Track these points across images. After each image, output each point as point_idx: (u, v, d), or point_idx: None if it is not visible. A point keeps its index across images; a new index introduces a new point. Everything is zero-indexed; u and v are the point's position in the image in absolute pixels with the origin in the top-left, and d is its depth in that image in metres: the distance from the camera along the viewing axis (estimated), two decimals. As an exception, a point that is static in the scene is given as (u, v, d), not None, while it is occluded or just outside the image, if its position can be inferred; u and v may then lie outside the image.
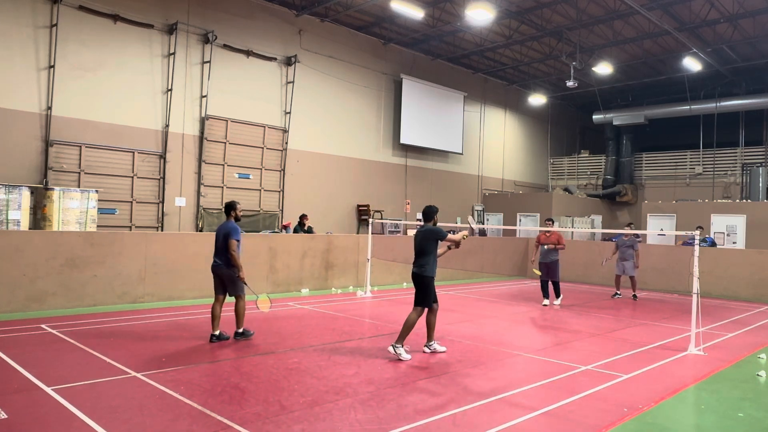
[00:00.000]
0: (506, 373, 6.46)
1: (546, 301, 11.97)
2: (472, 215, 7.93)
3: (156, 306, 10.02)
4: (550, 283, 12.02)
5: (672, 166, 25.22)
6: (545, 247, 11.77)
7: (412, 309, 7.05)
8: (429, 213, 7.32)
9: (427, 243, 7.08)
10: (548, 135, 28.14)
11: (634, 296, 13.48)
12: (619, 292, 13.64)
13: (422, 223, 7.42)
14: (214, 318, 7.44)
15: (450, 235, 7.26)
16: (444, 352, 7.24)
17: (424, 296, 7.02)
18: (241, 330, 7.52)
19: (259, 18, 16.36)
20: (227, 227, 7.44)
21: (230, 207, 7.59)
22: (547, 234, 11.82)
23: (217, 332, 7.43)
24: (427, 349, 7.23)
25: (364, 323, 9.20)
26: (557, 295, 12.06)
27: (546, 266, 11.84)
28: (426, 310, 7.10)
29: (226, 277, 7.44)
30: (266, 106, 16.56)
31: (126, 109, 13.84)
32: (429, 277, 7.02)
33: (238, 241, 7.37)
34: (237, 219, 7.55)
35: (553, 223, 12.41)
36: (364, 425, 4.60)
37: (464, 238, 7.37)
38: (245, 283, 7.45)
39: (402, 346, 6.84)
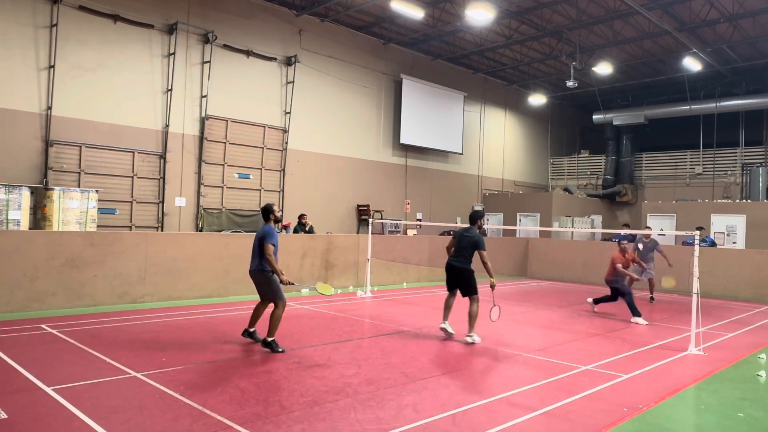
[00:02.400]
0: (506, 373, 6.46)
1: (642, 320, 10.14)
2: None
3: (156, 306, 10.01)
4: (612, 290, 10.81)
5: (672, 166, 25.22)
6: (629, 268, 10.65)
7: (469, 302, 7.91)
8: (474, 217, 8.28)
9: (469, 246, 7.95)
10: (548, 135, 28.15)
11: (651, 298, 12.99)
12: (652, 297, 13.06)
13: (467, 225, 8.31)
14: (254, 316, 7.35)
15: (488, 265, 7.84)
16: (479, 342, 7.83)
17: (470, 286, 7.93)
18: (270, 339, 6.86)
19: (259, 18, 16.37)
20: (263, 230, 7.07)
21: (268, 210, 7.20)
22: (626, 256, 10.66)
23: (252, 329, 7.30)
24: (468, 339, 7.78)
25: (364, 323, 9.20)
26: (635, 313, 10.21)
27: (621, 282, 10.65)
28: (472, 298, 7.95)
29: (261, 282, 7.09)
30: (266, 106, 16.57)
31: (126, 109, 13.84)
32: (470, 271, 7.96)
33: (274, 245, 6.93)
34: (277, 221, 7.22)
35: (627, 243, 11.07)
36: (364, 425, 4.60)
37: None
38: (291, 283, 7.08)
39: (474, 334, 7.82)
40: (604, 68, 20.09)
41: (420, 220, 20.91)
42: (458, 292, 8.19)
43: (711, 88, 23.43)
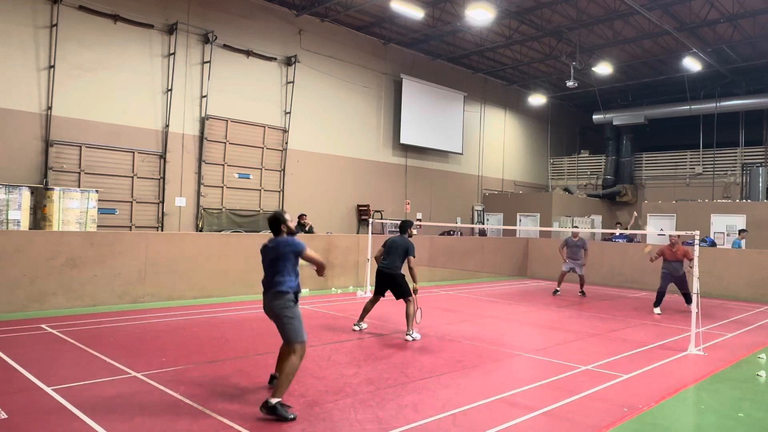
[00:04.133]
0: (506, 373, 6.46)
1: (657, 309, 11.45)
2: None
3: (156, 306, 10.01)
4: (681, 294, 11.63)
5: (672, 166, 25.22)
6: (672, 264, 11.22)
7: (405, 304, 8.08)
8: (404, 225, 8.60)
9: (401, 251, 8.25)
10: (548, 135, 28.15)
11: (582, 293, 13.80)
12: (558, 289, 13.90)
13: (399, 232, 8.64)
14: (280, 359, 5.36)
15: (413, 262, 8.19)
16: (419, 339, 7.99)
17: (403, 290, 8.17)
18: (276, 401, 4.65)
19: (259, 18, 16.36)
20: (286, 242, 5.12)
21: (278, 221, 5.17)
22: (673, 250, 11.16)
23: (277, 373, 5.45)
24: (408, 338, 7.89)
25: (364, 323, 9.18)
26: (688, 302, 11.22)
27: (674, 278, 11.33)
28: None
29: (274, 316, 5.05)
30: (266, 106, 16.56)
31: (126, 109, 13.84)
32: (401, 275, 8.27)
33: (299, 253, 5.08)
34: (291, 233, 5.24)
35: (678, 237, 11.45)
36: (364, 425, 4.60)
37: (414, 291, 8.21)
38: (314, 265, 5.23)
39: (412, 331, 7.98)
40: (604, 68, 20.09)
41: (420, 220, 20.90)
42: (381, 298, 8.52)
43: (711, 88, 23.43)
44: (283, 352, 5.18)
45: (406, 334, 7.95)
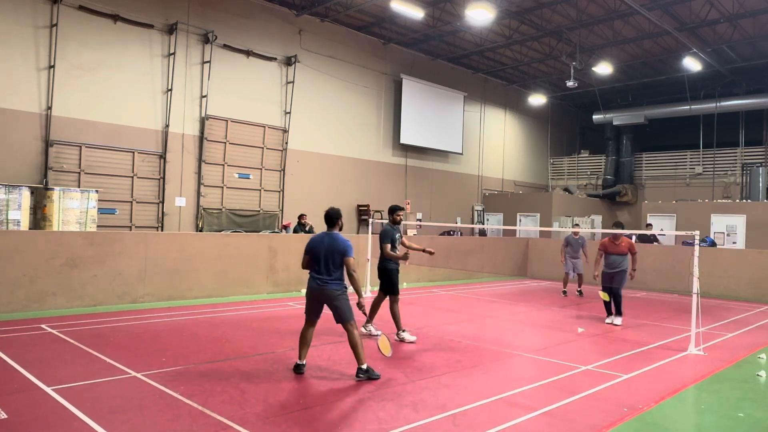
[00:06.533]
0: (506, 373, 6.46)
1: (609, 319, 9.94)
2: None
3: (156, 306, 10.01)
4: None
5: (672, 166, 25.21)
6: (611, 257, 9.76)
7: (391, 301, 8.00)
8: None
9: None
10: (548, 135, 28.14)
11: (580, 292, 13.85)
12: (566, 290, 13.90)
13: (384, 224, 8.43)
14: (303, 342, 6.12)
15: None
16: (414, 341, 7.80)
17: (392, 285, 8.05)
18: (365, 366, 5.86)
19: (259, 18, 16.36)
20: (339, 239, 6.02)
21: (336, 216, 6.20)
22: (617, 242, 9.71)
23: (303, 361, 6.08)
24: (396, 338, 7.84)
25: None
26: (618, 313, 9.83)
27: (611, 276, 9.74)
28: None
29: (328, 299, 6.02)
30: (266, 106, 16.56)
31: (126, 109, 13.84)
32: (390, 269, 8.07)
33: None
34: (340, 228, 6.28)
35: (623, 227, 10.34)
36: (364, 425, 4.60)
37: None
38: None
39: (371, 325, 8.18)
40: (604, 68, 20.09)
41: (420, 220, 20.90)
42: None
43: (711, 88, 23.42)
44: (306, 335, 6.08)
45: (396, 334, 8.00)
